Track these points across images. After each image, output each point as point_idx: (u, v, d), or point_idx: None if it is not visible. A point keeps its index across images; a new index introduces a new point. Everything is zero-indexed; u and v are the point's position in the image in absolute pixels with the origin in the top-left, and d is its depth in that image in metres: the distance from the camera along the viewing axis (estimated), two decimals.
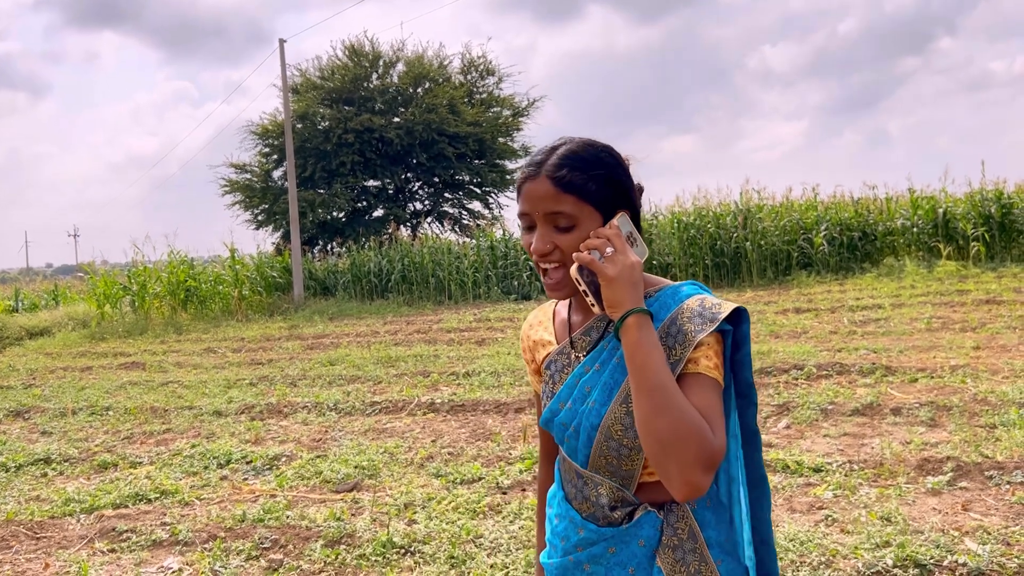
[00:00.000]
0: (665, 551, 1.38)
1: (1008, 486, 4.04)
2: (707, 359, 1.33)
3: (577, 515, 1.45)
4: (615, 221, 1.37)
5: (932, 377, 6.38)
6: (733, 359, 1.41)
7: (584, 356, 1.46)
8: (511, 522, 4.08)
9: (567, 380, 1.46)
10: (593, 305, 1.35)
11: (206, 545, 4.08)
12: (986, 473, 4.21)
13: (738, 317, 1.38)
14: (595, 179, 1.36)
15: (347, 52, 26.86)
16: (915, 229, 15.81)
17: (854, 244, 16.14)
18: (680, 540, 1.38)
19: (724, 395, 1.36)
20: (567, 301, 1.57)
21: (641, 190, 1.47)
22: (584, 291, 1.34)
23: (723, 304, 1.36)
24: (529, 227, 1.42)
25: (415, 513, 4.32)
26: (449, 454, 5.45)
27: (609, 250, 1.32)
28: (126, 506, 4.81)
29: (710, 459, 1.22)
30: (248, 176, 27.11)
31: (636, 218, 1.43)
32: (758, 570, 1.48)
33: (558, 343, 1.54)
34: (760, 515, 1.49)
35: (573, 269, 1.33)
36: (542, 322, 1.61)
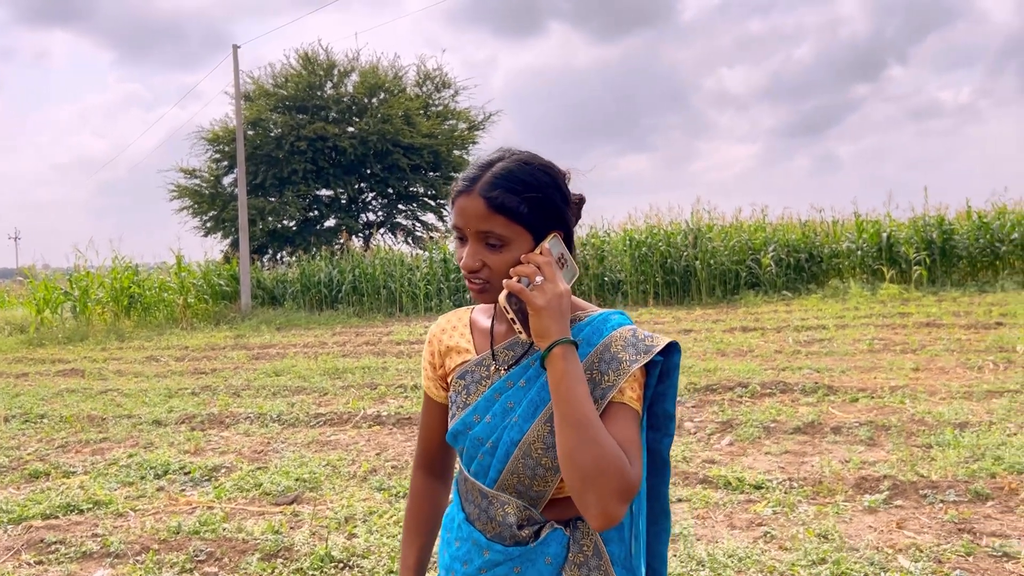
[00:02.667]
0: (571, 568, 1.37)
1: (941, 504, 4.13)
2: (631, 390, 1.33)
3: (482, 537, 1.42)
4: (546, 244, 1.35)
5: (872, 397, 6.51)
6: (656, 388, 1.40)
7: (505, 370, 1.43)
8: None
9: (485, 393, 1.43)
10: (520, 332, 1.34)
11: (138, 557, 3.97)
12: (921, 492, 4.29)
13: (669, 349, 1.38)
14: (527, 201, 1.34)
15: (300, 60, 26.71)
16: (860, 252, 16.18)
17: (801, 265, 16.45)
18: (586, 556, 1.38)
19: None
20: (485, 310, 1.55)
21: (582, 201, 1.44)
22: (512, 319, 1.32)
23: (656, 337, 1.37)
24: (461, 238, 1.40)
25: (355, 527, 4.25)
26: (393, 467, 5.39)
27: (539, 278, 1.30)
28: (56, 517, 4.66)
29: (628, 491, 1.22)
30: (197, 182, 26.76)
31: (569, 238, 1.41)
32: None
33: (477, 353, 1.50)
34: (657, 550, 1.49)
35: (501, 297, 1.31)
36: (457, 327, 1.56)
